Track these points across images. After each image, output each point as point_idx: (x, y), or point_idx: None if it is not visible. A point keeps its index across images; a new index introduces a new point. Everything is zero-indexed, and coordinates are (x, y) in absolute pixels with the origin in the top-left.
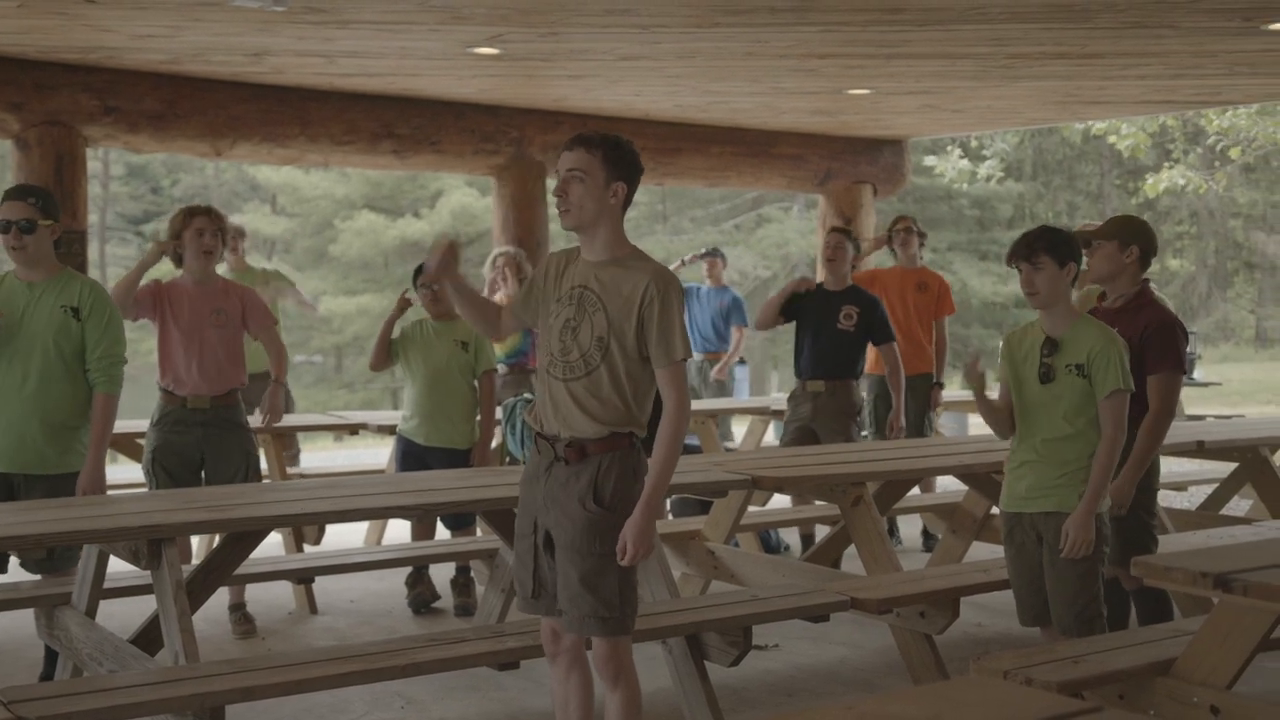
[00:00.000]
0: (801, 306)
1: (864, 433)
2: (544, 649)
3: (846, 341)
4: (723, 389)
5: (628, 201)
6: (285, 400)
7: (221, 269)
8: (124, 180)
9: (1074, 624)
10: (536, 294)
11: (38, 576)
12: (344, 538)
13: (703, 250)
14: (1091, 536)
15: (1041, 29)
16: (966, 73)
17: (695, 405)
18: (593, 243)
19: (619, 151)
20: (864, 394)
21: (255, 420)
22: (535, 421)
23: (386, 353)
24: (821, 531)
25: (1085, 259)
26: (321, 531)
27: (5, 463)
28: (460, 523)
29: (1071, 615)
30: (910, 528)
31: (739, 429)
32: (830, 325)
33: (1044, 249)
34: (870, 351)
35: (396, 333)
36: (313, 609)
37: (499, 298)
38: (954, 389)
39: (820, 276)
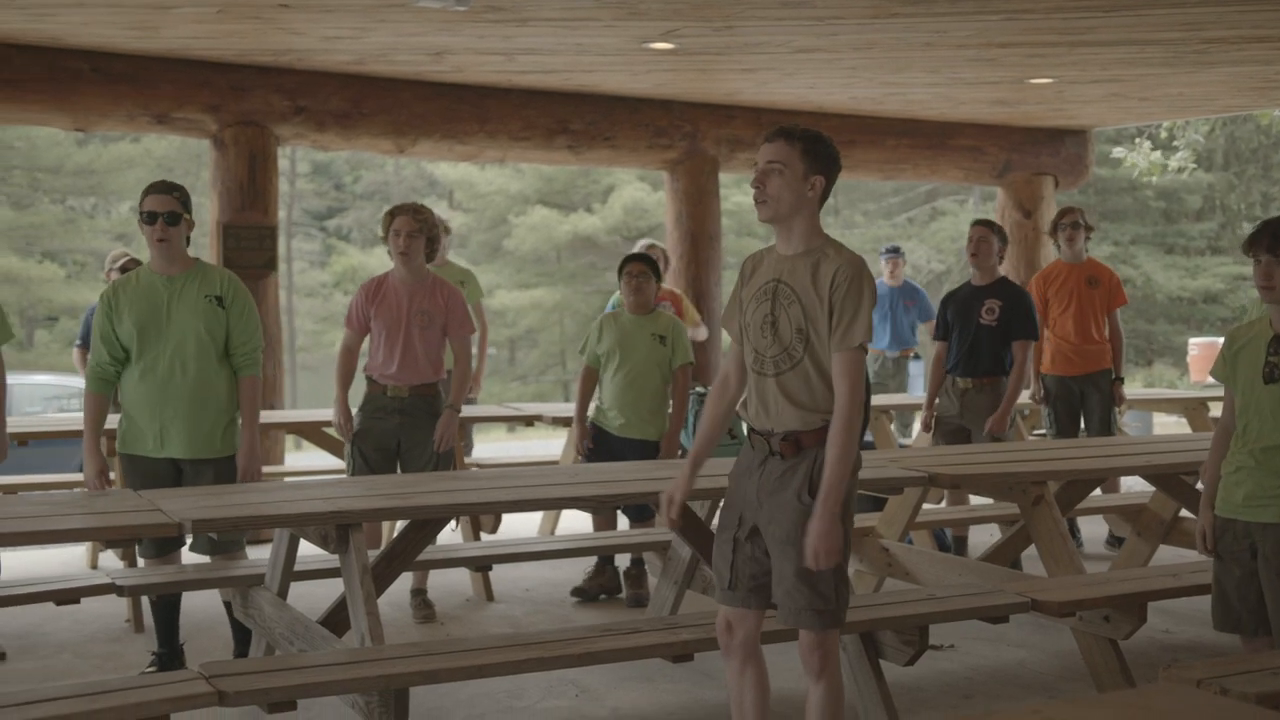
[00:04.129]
0: (951, 305)
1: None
2: (719, 642)
3: (988, 336)
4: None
5: (825, 195)
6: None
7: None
8: (309, 177)
9: None
10: (737, 300)
11: (205, 559)
12: (517, 528)
13: (884, 249)
14: None
15: (1239, 12)
16: (1156, 59)
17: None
18: (789, 235)
19: (819, 145)
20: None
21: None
22: (748, 418)
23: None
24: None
25: None
26: (498, 521)
27: (176, 449)
28: (642, 514)
29: None
30: (1092, 529)
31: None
32: (973, 321)
33: None
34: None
35: (595, 325)
36: (489, 596)
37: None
38: (1135, 386)
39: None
